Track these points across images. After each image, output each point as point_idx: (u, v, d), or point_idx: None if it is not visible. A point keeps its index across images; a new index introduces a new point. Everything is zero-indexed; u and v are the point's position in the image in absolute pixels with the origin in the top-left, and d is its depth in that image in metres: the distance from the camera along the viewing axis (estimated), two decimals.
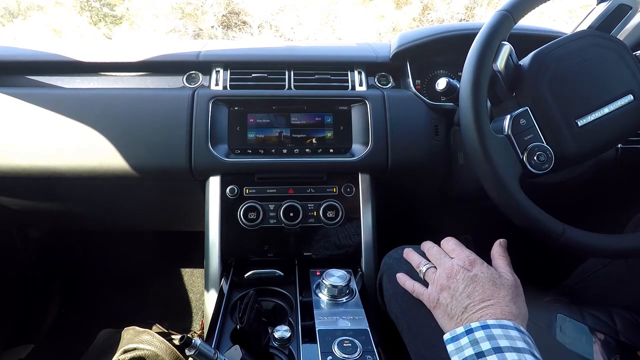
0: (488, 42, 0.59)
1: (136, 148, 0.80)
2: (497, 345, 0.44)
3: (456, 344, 0.48)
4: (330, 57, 0.94)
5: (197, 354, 0.47)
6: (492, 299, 0.51)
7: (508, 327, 0.46)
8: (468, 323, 0.49)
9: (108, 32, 7.09)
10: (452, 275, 0.56)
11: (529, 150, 0.60)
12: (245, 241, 0.81)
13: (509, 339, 0.45)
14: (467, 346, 0.47)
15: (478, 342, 0.46)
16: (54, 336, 1.23)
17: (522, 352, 0.43)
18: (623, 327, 0.65)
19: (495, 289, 0.52)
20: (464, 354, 0.47)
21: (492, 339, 0.45)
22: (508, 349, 0.44)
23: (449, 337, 0.50)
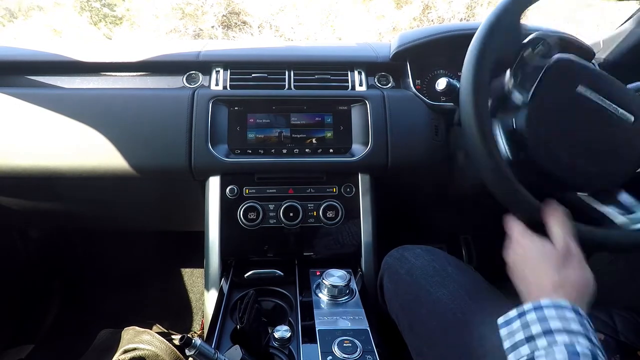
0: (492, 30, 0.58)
1: (136, 148, 0.80)
2: (547, 327, 0.42)
3: (508, 328, 0.46)
4: (330, 57, 0.94)
5: (197, 354, 0.47)
6: (536, 276, 0.49)
7: (564, 308, 0.43)
8: (521, 306, 0.46)
9: (108, 32, 7.09)
10: (510, 262, 0.54)
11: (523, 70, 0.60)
12: (245, 241, 0.81)
13: (562, 321, 0.42)
14: (519, 330, 0.44)
15: (529, 324, 0.43)
16: (54, 336, 1.23)
17: (575, 335, 0.40)
18: (623, 327, 0.65)
19: (538, 263, 0.49)
20: (514, 339, 0.44)
21: (543, 320, 0.42)
22: (559, 331, 0.41)
23: (502, 320, 0.47)
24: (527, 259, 0.51)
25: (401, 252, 0.72)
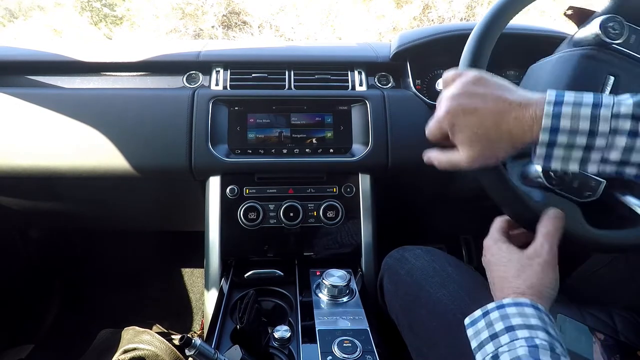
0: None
1: (136, 148, 0.80)
2: (509, 324, 0.44)
3: (474, 328, 0.48)
4: (330, 57, 0.94)
5: (197, 354, 0.47)
6: (497, 281, 0.51)
7: (523, 305, 0.45)
8: (485, 306, 0.48)
9: (108, 32, 7.09)
10: (483, 262, 0.56)
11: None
12: (245, 241, 0.81)
13: (522, 317, 0.44)
14: (484, 329, 0.46)
15: (492, 323, 0.46)
16: (54, 336, 1.23)
17: (534, 329, 0.43)
18: (623, 327, 0.65)
19: (503, 267, 0.51)
20: (480, 338, 0.46)
21: (505, 318, 0.45)
22: (520, 327, 0.43)
23: (468, 321, 0.49)
24: (494, 264, 0.53)
25: (401, 253, 0.72)
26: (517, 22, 0.65)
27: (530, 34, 0.90)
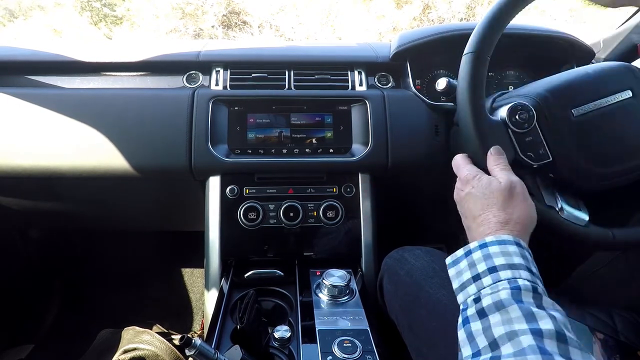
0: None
1: (136, 148, 0.80)
2: (492, 264, 0.44)
3: (456, 268, 0.48)
4: (330, 57, 0.94)
5: (197, 354, 0.47)
6: (482, 213, 0.50)
7: (507, 243, 0.45)
8: (468, 245, 0.48)
9: (108, 32, 7.09)
10: (457, 201, 0.57)
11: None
12: (245, 241, 0.81)
13: (505, 256, 0.44)
14: (466, 269, 0.46)
15: (475, 264, 0.46)
16: (54, 336, 1.23)
17: (517, 269, 0.43)
18: (623, 327, 0.65)
19: (485, 200, 0.51)
20: (462, 279, 0.46)
21: (488, 258, 0.45)
22: (503, 267, 0.43)
23: (450, 260, 0.49)
24: (475, 196, 0.52)
25: (401, 253, 0.72)
26: (517, 22, 0.65)
27: (530, 34, 0.90)
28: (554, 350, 0.35)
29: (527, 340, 0.36)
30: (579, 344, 0.37)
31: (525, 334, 0.37)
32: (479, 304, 0.42)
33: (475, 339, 0.40)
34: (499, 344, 0.38)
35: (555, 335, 0.36)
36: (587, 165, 0.60)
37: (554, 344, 0.36)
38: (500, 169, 0.55)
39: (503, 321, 0.39)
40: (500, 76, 0.95)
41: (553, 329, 0.37)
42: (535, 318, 0.38)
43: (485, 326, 0.40)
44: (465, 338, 0.42)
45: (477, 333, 0.41)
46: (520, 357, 0.35)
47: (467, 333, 0.42)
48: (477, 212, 0.51)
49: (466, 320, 0.43)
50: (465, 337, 0.42)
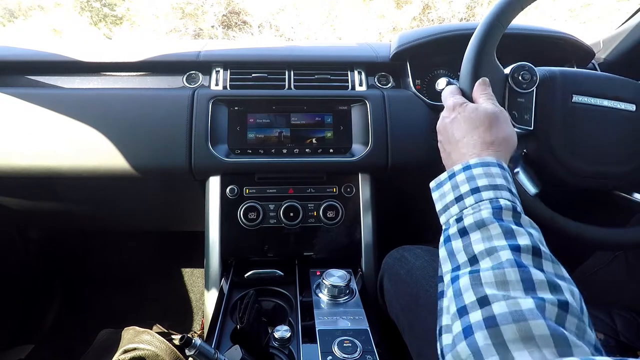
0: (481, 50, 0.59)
1: (136, 148, 0.80)
2: (475, 186, 0.45)
3: (440, 191, 0.49)
4: (330, 57, 0.94)
5: (197, 354, 0.47)
6: (467, 135, 0.51)
7: (490, 165, 0.46)
8: (451, 168, 0.49)
9: (108, 32, 7.09)
10: (439, 131, 0.57)
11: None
12: (245, 241, 0.81)
13: (488, 177, 0.45)
14: (449, 192, 0.47)
15: (458, 185, 0.46)
16: (54, 336, 1.23)
17: (499, 189, 0.44)
18: (623, 327, 0.65)
19: (470, 123, 0.52)
20: (445, 201, 0.47)
21: (471, 179, 0.46)
22: (485, 187, 0.44)
23: (434, 184, 0.50)
24: (461, 121, 0.53)
25: (401, 253, 0.72)
26: (517, 22, 0.65)
27: (530, 34, 0.90)
28: (529, 263, 0.37)
29: (505, 254, 0.38)
30: (552, 257, 0.39)
31: (504, 249, 0.38)
32: (461, 223, 0.44)
33: (456, 255, 0.42)
34: (479, 259, 0.40)
35: (532, 250, 0.38)
36: (562, 151, 0.61)
37: (529, 257, 0.38)
38: (486, 98, 0.56)
39: (483, 238, 0.41)
40: None
41: (530, 244, 0.39)
42: (514, 235, 0.40)
43: (465, 243, 0.42)
44: (446, 255, 0.43)
45: (457, 250, 0.42)
46: (498, 270, 0.37)
47: (447, 251, 0.43)
48: (461, 135, 0.52)
49: (447, 239, 0.44)
50: (446, 255, 0.43)
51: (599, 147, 0.62)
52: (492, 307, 0.34)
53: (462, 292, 0.38)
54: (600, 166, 0.62)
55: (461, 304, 0.37)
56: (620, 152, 0.62)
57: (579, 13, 5.19)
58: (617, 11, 3.91)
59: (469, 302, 0.36)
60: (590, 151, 0.61)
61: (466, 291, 0.37)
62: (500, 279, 0.36)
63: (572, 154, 0.61)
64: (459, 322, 0.36)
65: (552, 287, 0.35)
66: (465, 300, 0.37)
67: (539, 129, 0.61)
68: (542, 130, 0.61)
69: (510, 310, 0.33)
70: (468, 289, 0.37)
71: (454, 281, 0.40)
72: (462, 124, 0.53)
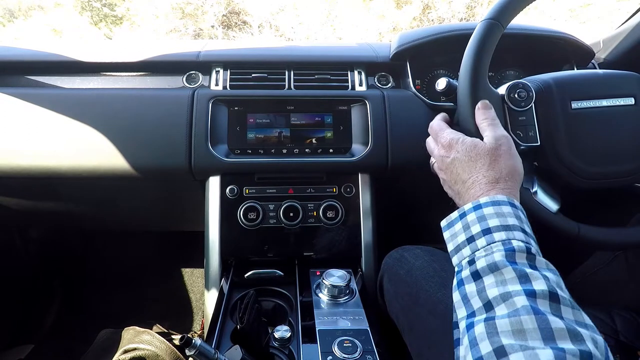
0: (480, 54, 0.59)
1: (136, 148, 0.80)
2: (486, 226, 0.44)
3: (451, 231, 0.48)
4: (330, 57, 0.94)
5: (197, 354, 0.47)
6: (472, 176, 0.50)
7: (501, 203, 0.45)
8: (462, 207, 0.48)
9: (108, 32, 7.09)
10: (440, 168, 0.57)
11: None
12: (245, 241, 0.81)
13: (499, 217, 0.44)
14: (460, 232, 0.46)
15: (469, 226, 0.45)
16: (54, 336, 1.23)
17: (511, 230, 0.43)
18: (623, 327, 0.65)
19: (473, 163, 0.51)
20: (457, 241, 0.46)
21: (482, 220, 0.45)
22: (497, 228, 0.43)
23: (445, 223, 0.50)
24: (461, 160, 0.52)
25: (401, 253, 0.72)
26: (517, 22, 0.65)
27: (530, 34, 0.90)
28: (546, 309, 0.36)
29: (521, 301, 0.36)
30: (571, 302, 0.38)
31: (518, 295, 0.37)
32: (473, 266, 0.42)
33: (470, 301, 0.41)
34: (493, 305, 0.38)
35: (548, 295, 0.37)
36: (572, 159, 0.61)
37: (546, 303, 0.36)
38: (488, 124, 0.55)
39: (497, 282, 0.39)
40: (500, 76, 0.96)
41: (546, 289, 0.37)
42: (529, 279, 0.38)
43: (479, 288, 0.41)
44: (460, 300, 0.42)
45: (471, 295, 0.41)
46: (514, 317, 0.35)
47: (461, 295, 0.42)
48: (466, 175, 0.51)
49: (461, 282, 0.43)
50: (460, 299, 0.42)
51: (606, 147, 0.62)
52: (510, 359, 0.33)
53: (477, 342, 0.36)
54: (611, 165, 0.62)
55: (477, 355, 0.35)
56: (628, 148, 0.62)
57: (579, 13, 5.19)
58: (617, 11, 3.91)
59: (485, 353, 0.35)
60: (598, 153, 0.61)
61: (482, 341, 0.36)
62: (517, 328, 0.35)
63: (582, 160, 0.61)
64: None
65: (572, 335, 0.33)
66: (481, 351, 0.35)
67: (545, 142, 0.61)
68: (549, 143, 0.61)
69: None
70: (484, 338, 0.36)
71: (469, 329, 0.39)
72: (463, 164, 0.52)
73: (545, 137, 0.61)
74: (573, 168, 0.61)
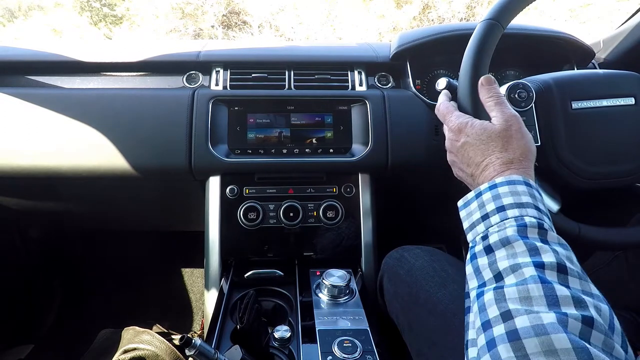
0: (479, 55, 0.59)
1: (136, 148, 0.80)
2: (500, 204, 0.45)
3: (467, 210, 0.49)
4: (330, 57, 0.94)
5: (197, 354, 0.47)
6: (485, 158, 0.51)
7: (516, 183, 0.46)
8: (478, 187, 0.49)
9: (108, 32, 7.10)
10: (451, 151, 0.57)
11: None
12: (245, 241, 0.81)
13: (514, 195, 0.45)
14: (476, 210, 0.48)
15: (484, 204, 0.47)
16: (54, 336, 1.23)
17: (524, 207, 0.44)
18: (623, 327, 0.65)
19: (484, 146, 0.51)
20: (472, 219, 0.48)
21: (497, 198, 0.46)
22: (510, 206, 0.45)
23: (462, 203, 0.51)
24: (472, 144, 0.53)
25: (401, 253, 0.72)
26: (517, 22, 0.65)
27: (530, 34, 0.90)
28: (553, 279, 0.37)
29: (529, 271, 0.38)
30: (579, 273, 0.39)
31: (527, 266, 0.39)
32: (486, 241, 0.44)
33: (482, 272, 0.43)
34: (503, 275, 0.40)
35: (556, 266, 0.38)
36: (572, 159, 0.61)
37: (554, 274, 0.38)
38: (495, 103, 0.55)
39: (508, 255, 0.41)
40: (500, 76, 0.96)
41: (554, 261, 0.39)
42: (539, 252, 0.40)
43: (491, 261, 0.42)
44: (472, 272, 0.44)
45: (483, 267, 0.43)
46: (522, 285, 0.37)
47: (474, 268, 0.44)
48: (479, 158, 0.52)
49: (474, 256, 0.45)
50: (472, 272, 0.44)
51: (606, 147, 0.62)
52: (515, 321, 0.35)
53: (486, 307, 0.38)
54: (612, 165, 0.62)
55: (485, 319, 0.37)
56: (629, 148, 0.62)
57: (579, 13, 5.19)
58: (617, 11, 3.92)
59: (492, 317, 0.37)
60: (599, 153, 0.61)
61: (490, 306, 0.38)
62: (524, 295, 0.37)
63: (582, 160, 0.61)
64: (483, 335, 0.37)
65: (576, 302, 0.35)
66: (489, 315, 0.37)
67: (546, 142, 0.61)
68: (549, 143, 0.61)
69: (533, 324, 0.33)
70: (492, 304, 0.38)
71: (479, 297, 0.41)
72: (475, 148, 0.52)
73: (546, 138, 0.61)
74: (573, 168, 0.61)
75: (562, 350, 0.31)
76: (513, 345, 0.33)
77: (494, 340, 0.35)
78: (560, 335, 0.32)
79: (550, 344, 0.32)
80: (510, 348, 0.33)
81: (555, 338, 0.32)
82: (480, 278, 0.43)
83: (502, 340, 0.34)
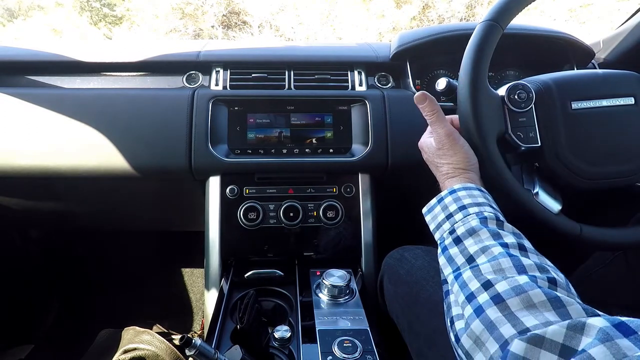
0: (479, 56, 0.59)
1: (136, 148, 0.80)
2: (462, 204, 0.53)
3: (432, 214, 0.56)
4: (330, 57, 0.94)
5: (197, 354, 0.47)
6: (433, 169, 0.61)
7: (471, 189, 0.54)
8: (440, 194, 0.57)
9: (108, 32, 7.10)
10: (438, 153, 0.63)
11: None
12: (245, 241, 0.81)
13: (471, 198, 0.53)
14: (440, 212, 0.54)
15: (447, 206, 0.54)
16: (54, 336, 1.23)
17: (482, 205, 0.52)
18: None
19: (431, 158, 0.62)
20: (437, 220, 0.54)
21: (457, 200, 0.53)
22: (470, 205, 0.52)
23: (426, 209, 0.58)
24: (426, 154, 0.64)
25: (401, 253, 0.72)
26: (517, 22, 0.65)
27: (530, 34, 0.90)
28: (517, 254, 0.45)
29: (497, 249, 0.45)
30: (536, 251, 0.46)
31: (495, 246, 0.46)
32: (454, 234, 0.50)
33: (455, 259, 0.49)
34: (475, 257, 0.46)
35: (518, 245, 0.46)
36: (572, 160, 0.61)
37: (517, 251, 0.45)
38: (431, 122, 0.62)
39: (476, 242, 0.48)
40: (500, 76, 0.96)
41: (515, 242, 0.46)
42: (501, 236, 0.48)
43: (461, 249, 0.48)
44: (446, 261, 0.50)
45: (455, 255, 0.49)
46: (494, 261, 0.44)
47: (446, 257, 0.50)
48: (434, 171, 0.62)
49: (444, 248, 0.51)
50: (446, 261, 0.50)
51: (606, 147, 0.61)
52: (496, 287, 0.40)
53: (467, 283, 0.44)
54: (612, 165, 0.61)
55: (468, 292, 0.43)
56: (629, 147, 0.62)
57: (579, 13, 5.19)
58: (617, 11, 3.91)
59: (475, 289, 0.42)
60: (599, 153, 0.61)
61: (470, 281, 0.43)
62: (497, 268, 0.43)
63: (582, 160, 0.60)
64: (469, 306, 0.42)
65: (540, 268, 0.42)
66: (471, 289, 0.43)
67: (546, 143, 0.61)
68: (549, 144, 0.61)
69: (512, 286, 0.39)
70: (472, 279, 0.43)
71: (457, 278, 0.46)
72: (430, 162, 0.63)
73: (546, 138, 0.61)
74: (573, 168, 0.61)
75: (540, 303, 0.37)
76: (499, 307, 0.39)
77: (480, 307, 0.40)
78: (536, 291, 0.38)
79: (529, 300, 0.38)
80: (497, 309, 0.39)
81: (532, 294, 0.38)
82: (454, 264, 0.48)
83: (489, 304, 0.39)
